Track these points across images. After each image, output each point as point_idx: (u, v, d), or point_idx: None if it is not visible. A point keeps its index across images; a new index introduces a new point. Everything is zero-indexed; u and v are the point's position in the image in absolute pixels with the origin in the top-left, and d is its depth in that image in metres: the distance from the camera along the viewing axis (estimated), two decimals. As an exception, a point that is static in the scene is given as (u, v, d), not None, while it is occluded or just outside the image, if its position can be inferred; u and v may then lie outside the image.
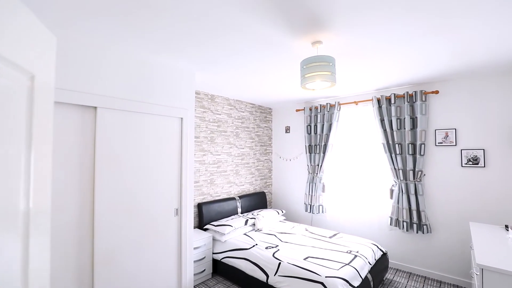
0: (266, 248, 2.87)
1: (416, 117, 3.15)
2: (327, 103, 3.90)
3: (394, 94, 3.27)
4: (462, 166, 2.93)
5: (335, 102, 3.80)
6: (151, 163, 2.34)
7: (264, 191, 4.61)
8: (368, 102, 3.63)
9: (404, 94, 3.22)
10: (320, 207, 3.94)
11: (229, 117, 3.98)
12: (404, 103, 3.23)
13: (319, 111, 3.99)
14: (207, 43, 2.06)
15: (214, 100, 3.75)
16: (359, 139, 3.72)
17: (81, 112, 1.96)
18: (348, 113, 3.84)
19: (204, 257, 3.05)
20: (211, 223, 3.35)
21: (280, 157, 4.70)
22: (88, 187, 1.98)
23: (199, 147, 3.52)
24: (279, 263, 2.54)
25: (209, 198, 3.64)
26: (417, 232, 3.10)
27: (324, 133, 3.91)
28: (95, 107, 2.01)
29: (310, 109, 4.15)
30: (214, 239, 3.22)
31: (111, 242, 2.06)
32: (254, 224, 3.56)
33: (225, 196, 3.88)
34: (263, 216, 3.69)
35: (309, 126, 4.15)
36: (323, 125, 3.99)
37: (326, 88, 2.12)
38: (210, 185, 3.65)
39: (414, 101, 3.17)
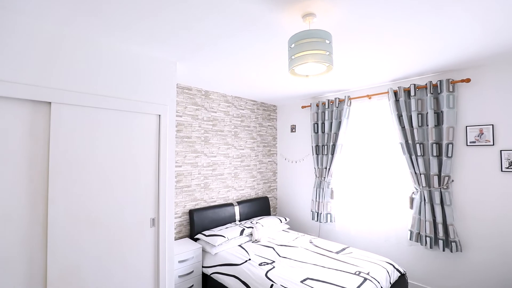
0: (260, 264, 2.49)
1: (441, 112, 2.62)
2: (335, 98, 3.44)
3: (414, 84, 2.75)
4: (502, 170, 2.37)
5: (345, 96, 3.33)
6: (122, 167, 2.04)
7: (268, 196, 4.21)
8: (383, 95, 3.13)
9: (426, 84, 2.70)
10: (328, 215, 3.48)
11: (226, 115, 3.64)
12: (427, 95, 2.70)
13: (326, 107, 3.54)
14: (185, 28, 1.72)
15: (209, 97, 3.43)
16: (373, 139, 3.22)
17: (32, 108, 1.69)
18: (360, 109, 3.35)
19: (193, 271, 2.72)
20: (203, 232, 3.01)
21: (285, 159, 4.29)
22: (41, 195, 1.71)
23: (191, 148, 3.21)
24: (271, 285, 2.15)
25: (203, 204, 3.32)
26: (443, 250, 2.57)
27: (332, 131, 3.45)
28: (49, 103, 1.74)
29: (317, 105, 3.70)
30: (204, 251, 2.88)
31: (69, 257, 1.78)
32: (251, 234, 3.18)
33: (221, 201, 3.54)
34: (262, 225, 3.31)
35: (316, 124, 3.70)
36: (331, 122, 3.53)
37: (322, 74, 1.70)
38: (204, 190, 3.33)
39: (439, 92, 2.65)
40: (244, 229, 3.10)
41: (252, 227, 3.20)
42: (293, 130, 4.17)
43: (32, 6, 1.49)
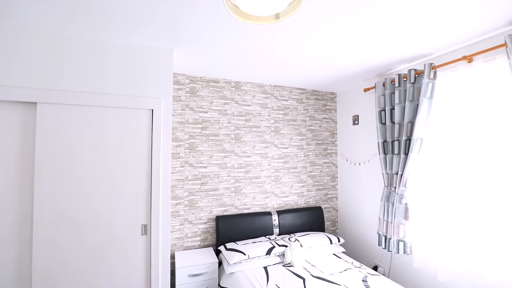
0: (272, 301, 1.85)
1: None
2: (410, 70, 2.31)
3: None
4: None
5: (425, 65, 2.17)
6: (110, 167, 1.90)
7: (323, 206, 3.37)
8: (494, 53, 1.83)
9: None
10: (401, 243, 2.37)
11: (263, 108, 3.11)
12: None
13: (397, 85, 2.44)
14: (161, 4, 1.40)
15: (240, 88, 3.00)
16: (476, 128, 1.94)
17: (22, 110, 1.76)
18: (452, 81, 2.10)
19: (207, 289, 2.36)
20: (226, 244, 2.61)
21: (346, 160, 3.32)
22: (29, 194, 1.75)
23: (219, 147, 2.87)
24: None
25: (234, 211, 2.92)
26: None
27: (406, 120, 2.34)
28: (35, 103, 1.77)
29: (384, 85, 2.63)
30: (222, 267, 2.47)
31: (54, 259, 1.75)
32: (284, 255, 2.53)
33: (257, 209, 3.03)
34: (301, 245, 2.59)
35: (382, 112, 2.63)
36: (403, 107, 2.41)
37: (294, 12, 0.97)
38: (234, 195, 2.92)
39: None
40: (273, 247, 2.49)
41: (286, 246, 2.54)
42: (356, 122, 3.17)
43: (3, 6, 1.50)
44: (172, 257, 2.60)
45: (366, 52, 2.17)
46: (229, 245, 2.55)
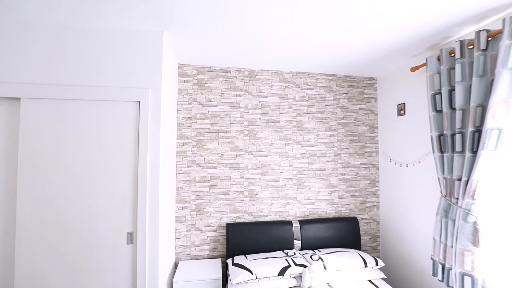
0: None
1: None
2: (479, 32, 1.61)
3: None
4: None
5: (504, 20, 1.47)
6: (93, 167, 1.72)
7: (359, 216, 2.75)
8: None
9: None
10: (467, 279, 1.67)
11: (283, 99, 2.66)
12: None
13: (458, 56, 1.75)
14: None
15: (255, 78, 2.61)
16: None
17: (7, 106, 1.68)
18: (556, 39, 1.36)
19: (209, 308, 2.04)
20: (234, 257, 2.25)
21: (390, 160, 2.65)
22: (13, 193, 1.67)
23: (230, 145, 2.53)
24: None
25: (248, 218, 2.54)
26: None
27: (473, 104, 1.64)
28: (19, 98, 1.68)
29: (439, 59, 1.94)
30: (228, 284, 2.12)
31: (37, 263, 1.64)
32: (301, 277, 2.05)
33: (276, 217, 2.59)
34: (324, 267, 2.08)
35: (437, 96, 1.95)
36: (469, 86, 1.71)
37: None
38: (248, 199, 2.55)
39: None
40: (288, 267, 2.04)
41: (305, 266, 2.06)
42: (402, 112, 2.48)
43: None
44: (176, 266, 2.35)
45: (413, 13, 1.58)
46: (238, 259, 2.19)
